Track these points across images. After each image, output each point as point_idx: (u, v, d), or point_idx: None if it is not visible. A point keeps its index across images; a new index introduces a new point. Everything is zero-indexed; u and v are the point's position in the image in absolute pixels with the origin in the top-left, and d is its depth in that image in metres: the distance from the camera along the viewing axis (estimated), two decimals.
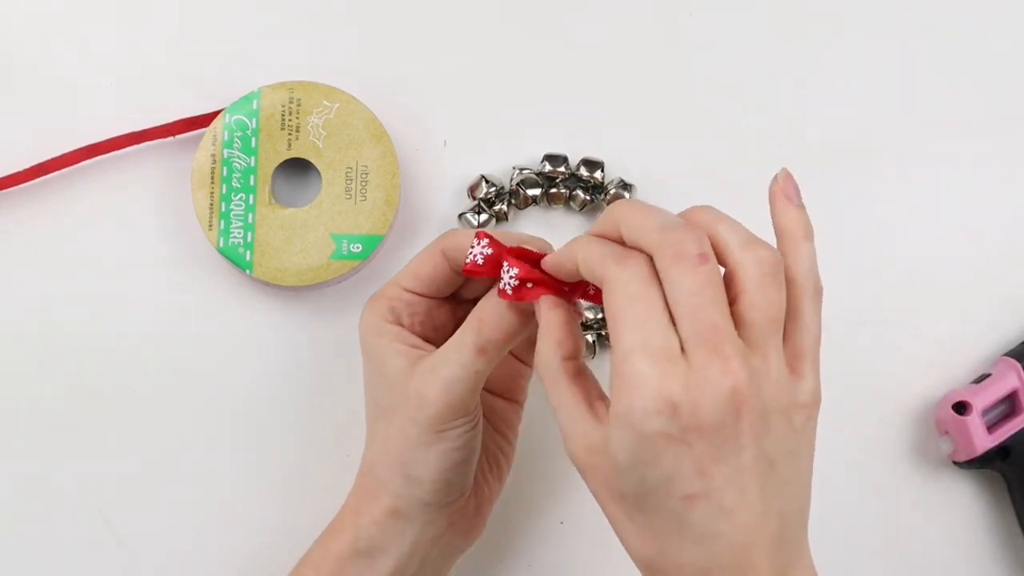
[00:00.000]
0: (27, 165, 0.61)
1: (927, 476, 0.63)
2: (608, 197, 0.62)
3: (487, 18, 0.65)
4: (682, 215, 0.44)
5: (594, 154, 0.63)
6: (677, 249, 0.42)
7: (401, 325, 0.52)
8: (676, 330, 0.42)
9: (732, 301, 0.42)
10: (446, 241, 0.52)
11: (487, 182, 0.62)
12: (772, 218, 0.46)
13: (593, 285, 0.47)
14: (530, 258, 0.48)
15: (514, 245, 0.49)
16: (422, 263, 0.52)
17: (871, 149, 0.65)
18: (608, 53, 0.65)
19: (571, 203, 0.63)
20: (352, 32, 0.64)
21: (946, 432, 0.62)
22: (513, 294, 0.47)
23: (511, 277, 0.47)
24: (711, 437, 0.41)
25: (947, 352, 0.64)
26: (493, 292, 0.49)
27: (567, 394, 0.45)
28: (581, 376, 0.46)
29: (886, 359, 0.64)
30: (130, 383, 0.62)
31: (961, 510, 0.64)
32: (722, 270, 0.43)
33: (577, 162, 0.63)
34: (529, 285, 0.47)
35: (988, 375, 0.62)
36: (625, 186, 0.62)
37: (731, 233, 0.43)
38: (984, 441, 0.61)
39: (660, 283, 0.42)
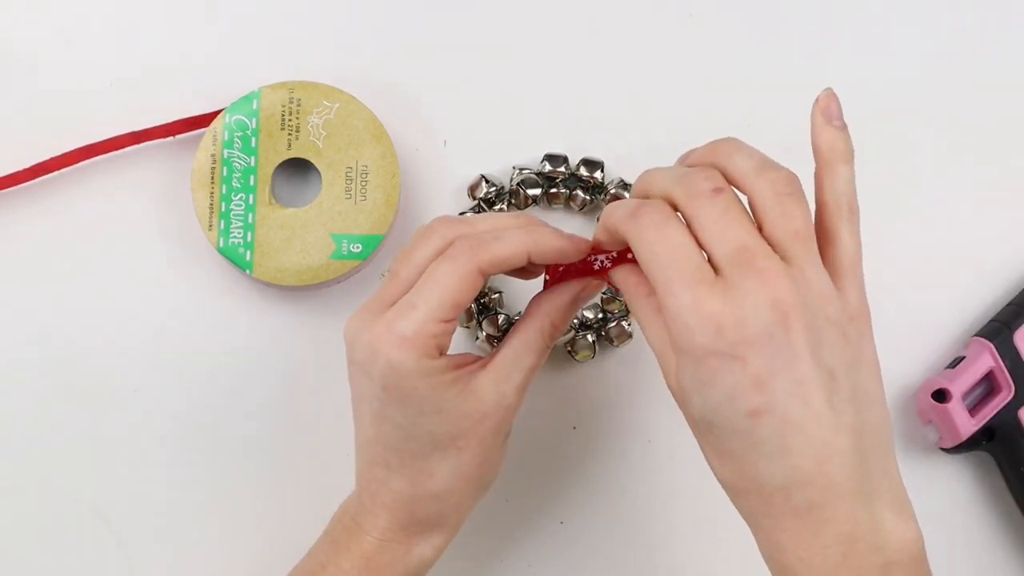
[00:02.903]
0: (27, 165, 0.61)
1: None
2: (608, 197, 0.62)
3: (487, 18, 0.65)
4: (706, 146, 0.46)
5: (594, 154, 0.63)
6: (691, 190, 0.43)
7: (442, 353, 0.49)
8: (711, 261, 0.42)
9: (759, 228, 0.43)
10: (482, 257, 0.48)
11: (487, 182, 0.62)
12: (811, 138, 0.46)
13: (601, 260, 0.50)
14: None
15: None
16: (460, 290, 0.47)
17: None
18: (608, 53, 0.65)
19: (571, 203, 0.63)
20: (352, 32, 0.64)
21: (930, 421, 0.62)
22: (612, 264, 0.50)
23: (606, 258, 0.50)
24: (762, 349, 0.41)
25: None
26: (560, 291, 0.51)
27: (654, 327, 0.45)
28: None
29: None
30: (130, 383, 0.62)
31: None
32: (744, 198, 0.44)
33: (577, 162, 0.63)
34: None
35: (962, 358, 0.62)
36: (625, 186, 0.62)
37: (747, 160, 0.44)
38: (968, 426, 0.61)
39: (685, 225, 0.43)
